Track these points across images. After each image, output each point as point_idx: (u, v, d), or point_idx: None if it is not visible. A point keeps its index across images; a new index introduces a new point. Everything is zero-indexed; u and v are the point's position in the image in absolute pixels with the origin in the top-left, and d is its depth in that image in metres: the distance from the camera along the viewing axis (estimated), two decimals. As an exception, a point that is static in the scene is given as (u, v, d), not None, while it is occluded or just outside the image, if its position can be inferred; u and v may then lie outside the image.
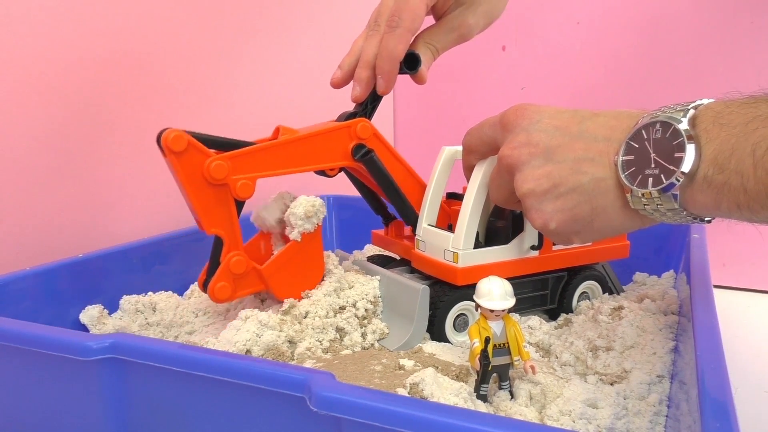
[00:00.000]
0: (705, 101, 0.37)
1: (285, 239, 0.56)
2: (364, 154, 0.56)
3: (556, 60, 1.01)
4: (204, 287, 0.53)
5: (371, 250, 0.81)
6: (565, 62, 1.00)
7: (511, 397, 0.44)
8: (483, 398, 0.42)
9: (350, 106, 0.59)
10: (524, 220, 0.56)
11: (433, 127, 1.14)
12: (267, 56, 0.90)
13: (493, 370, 0.42)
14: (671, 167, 0.36)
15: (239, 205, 0.52)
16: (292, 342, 0.51)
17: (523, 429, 0.30)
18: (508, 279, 0.44)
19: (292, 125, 0.57)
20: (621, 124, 0.40)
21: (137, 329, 0.58)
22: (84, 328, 0.57)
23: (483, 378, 0.42)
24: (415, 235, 0.59)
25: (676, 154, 0.36)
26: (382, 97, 0.58)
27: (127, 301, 0.60)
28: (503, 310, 0.42)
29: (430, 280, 0.56)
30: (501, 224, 0.57)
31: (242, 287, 0.53)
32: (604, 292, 0.62)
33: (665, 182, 0.36)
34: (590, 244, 0.60)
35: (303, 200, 0.54)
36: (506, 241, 0.56)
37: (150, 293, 0.63)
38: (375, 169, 0.57)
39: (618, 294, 0.63)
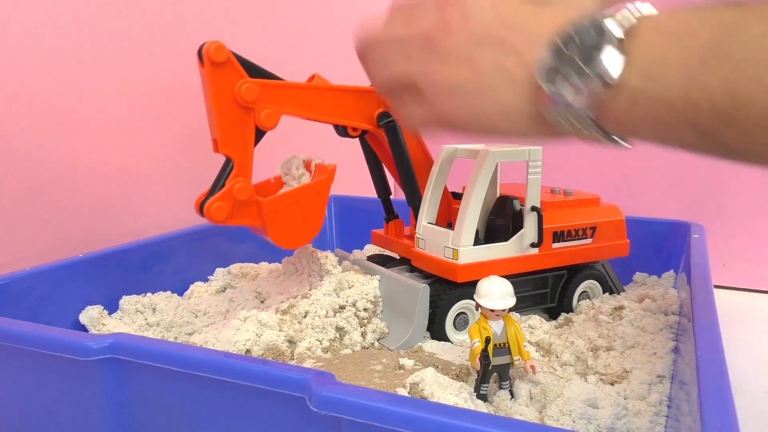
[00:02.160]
0: (650, 8, 0.34)
1: None
2: (388, 121, 0.57)
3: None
4: (200, 207, 0.52)
5: (371, 249, 0.81)
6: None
7: (512, 397, 0.44)
8: (483, 398, 0.42)
9: None
10: (524, 219, 0.56)
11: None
12: (271, 54, 0.89)
13: (493, 369, 0.42)
14: (592, 73, 0.33)
15: (259, 135, 0.52)
16: (291, 342, 0.51)
17: (523, 429, 0.30)
18: (508, 276, 0.44)
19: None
20: (557, 22, 0.36)
21: (137, 330, 0.58)
22: (84, 329, 0.57)
23: (483, 378, 0.42)
24: (415, 233, 0.59)
25: (601, 57, 0.32)
26: None
27: (127, 301, 0.60)
28: (503, 310, 0.42)
29: (430, 279, 0.56)
30: (501, 222, 0.57)
31: (239, 215, 0.52)
32: (604, 292, 0.62)
33: (583, 87, 0.33)
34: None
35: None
36: (506, 239, 0.56)
37: (150, 293, 0.63)
38: (394, 138, 0.58)
39: (618, 294, 0.63)
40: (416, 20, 0.41)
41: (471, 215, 0.53)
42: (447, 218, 0.61)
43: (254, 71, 0.51)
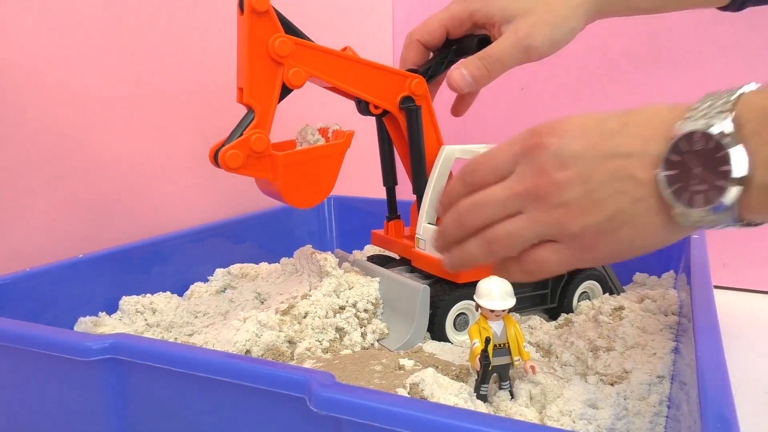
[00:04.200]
0: (746, 90, 0.34)
1: None
2: (410, 105, 0.58)
3: (556, 60, 1.01)
4: (214, 156, 0.52)
5: (371, 250, 0.81)
6: (565, 62, 1.00)
7: (512, 397, 0.44)
8: (483, 398, 0.42)
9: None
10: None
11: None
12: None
13: (493, 370, 0.42)
14: (719, 183, 0.33)
15: (284, 92, 0.53)
16: (291, 342, 0.51)
17: (523, 429, 0.30)
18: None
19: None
20: (655, 134, 0.36)
21: (137, 330, 0.58)
22: (84, 329, 0.57)
23: (483, 378, 0.42)
24: (415, 233, 0.59)
25: (722, 168, 0.33)
26: (441, 74, 0.60)
27: (127, 302, 0.60)
28: (503, 310, 0.42)
29: (430, 280, 0.56)
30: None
31: (252, 167, 0.52)
32: (604, 292, 0.62)
33: (716, 201, 0.33)
34: None
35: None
36: (506, 241, 0.56)
37: (149, 294, 0.63)
38: (413, 122, 0.58)
39: (618, 294, 0.63)
40: (512, 179, 0.41)
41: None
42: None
43: (290, 29, 0.52)
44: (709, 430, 0.28)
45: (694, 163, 0.34)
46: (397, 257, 0.65)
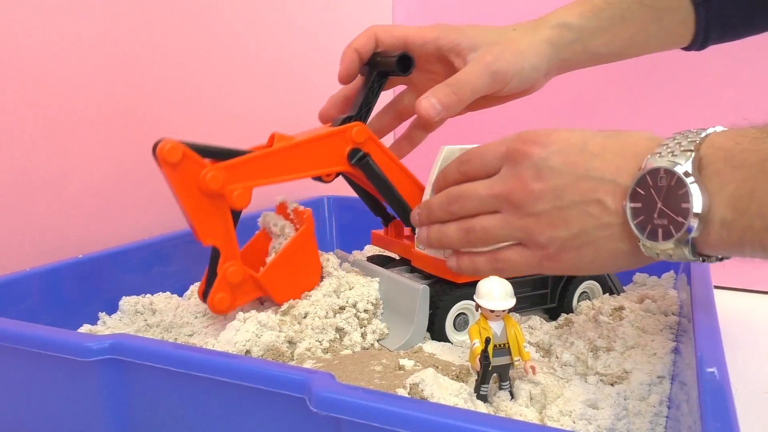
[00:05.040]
0: (711, 131, 0.35)
1: None
2: (360, 158, 0.56)
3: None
4: (204, 298, 0.53)
5: (371, 250, 0.81)
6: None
7: (512, 398, 0.44)
8: (483, 398, 0.42)
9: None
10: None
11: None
12: (263, 57, 0.89)
13: (493, 370, 0.42)
14: (680, 219, 0.34)
15: (236, 215, 0.52)
16: (291, 342, 0.51)
17: (523, 429, 0.30)
18: (508, 277, 0.44)
19: (287, 128, 0.57)
20: (627, 165, 0.38)
21: (137, 331, 0.58)
22: (84, 329, 0.57)
23: (483, 378, 0.42)
24: (414, 234, 0.59)
25: (683, 205, 0.34)
26: (375, 101, 0.58)
27: (127, 302, 0.60)
28: (504, 311, 0.42)
29: (430, 280, 0.56)
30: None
31: (241, 296, 0.53)
32: (604, 293, 0.62)
33: (675, 235, 0.35)
34: None
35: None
36: (506, 240, 0.56)
37: (149, 294, 0.63)
38: (371, 173, 0.57)
39: (618, 294, 0.63)
40: (495, 179, 0.44)
41: (471, 216, 0.53)
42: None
43: (213, 154, 0.50)
44: (709, 430, 0.28)
45: (658, 197, 0.36)
46: (397, 257, 0.65)
